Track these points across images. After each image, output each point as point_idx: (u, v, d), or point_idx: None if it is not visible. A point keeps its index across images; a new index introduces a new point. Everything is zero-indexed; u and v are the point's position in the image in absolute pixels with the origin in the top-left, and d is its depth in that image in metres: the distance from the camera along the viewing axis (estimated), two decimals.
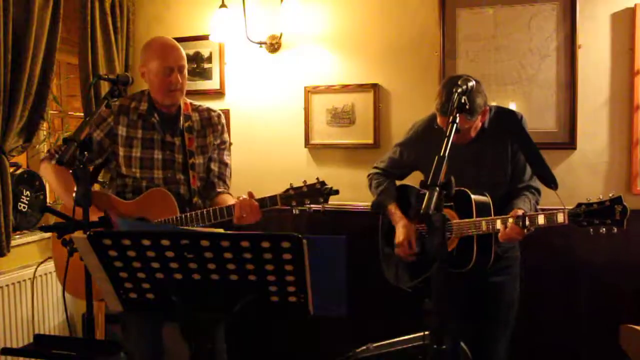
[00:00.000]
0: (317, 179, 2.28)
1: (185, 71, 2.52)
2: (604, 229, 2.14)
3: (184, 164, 2.55)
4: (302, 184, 2.30)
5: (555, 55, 3.18)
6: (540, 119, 3.19)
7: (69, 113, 3.95)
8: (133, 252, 1.62)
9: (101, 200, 2.54)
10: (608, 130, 3.14)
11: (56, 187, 2.57)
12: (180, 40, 3.88)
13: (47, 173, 2.59)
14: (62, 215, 2.43)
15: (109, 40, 3.69)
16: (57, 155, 2.44)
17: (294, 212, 2.30)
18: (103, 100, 2.37)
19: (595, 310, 3.11)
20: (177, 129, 2.57)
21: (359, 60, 3.58)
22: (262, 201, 2.38)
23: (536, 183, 2.51)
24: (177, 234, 1.58)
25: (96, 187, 3.28)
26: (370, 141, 3.54)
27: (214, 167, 2.65)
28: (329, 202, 2.32)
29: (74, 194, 2.16)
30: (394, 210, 2.68)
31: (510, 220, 2.27)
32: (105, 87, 3.60)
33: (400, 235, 2.60)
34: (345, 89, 3.59)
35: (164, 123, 2.56)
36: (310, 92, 3.66)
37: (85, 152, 2.06)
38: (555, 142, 3.18)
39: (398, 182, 2.82)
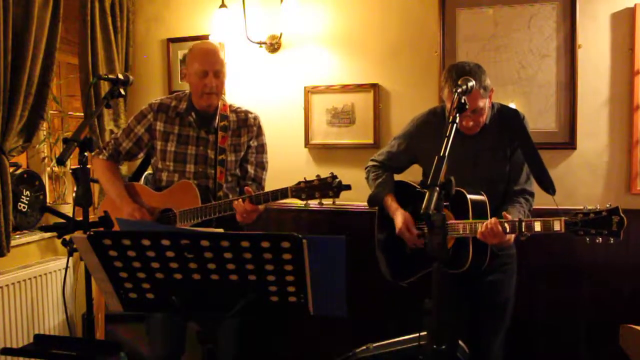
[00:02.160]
0: (331, 173, 2.30)
1: (223, 76, 2.61)
2: (600, 239, 2.14)
3: (216, 159, 2.64)
4: (314, 178, 2.33)
5: (555, 55, 3.18)
6: (540, 119, 3.19)
7: (69, 113, 3.96)
8: (133, 252, 1.62)
9: (134, 190, 2.73)
10: (608, 130, 3.14)
11: (103, 182, 2.77)
12: (180, 40, 3.94)
13: (96, 168, 2.80)
14: (62, 215, 2.44)
15: (109, 40, 3.70)
16: (104, 150, 2.75)
17: (304, 204, 2.32)
18: (103, 101, 2.39)
19: (595, 310, 3.11)
20: (212, 127, 2.67)
21: (358, 60, 3.58)
22: (259, 197, 2.43)
23: (531, 187, 2.52)
24: (177, 234, 1.58)
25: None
26: (371, 141, 3.55)
27: (250, 169, 2.73)
28: (328, 201, 2.32)
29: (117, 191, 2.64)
30: (390, 201, 2.68)
31: (493, 220, 2.28)
32: (105, 87, 3.61)
33: (398, 222, 2.59)
34: (345, 88, 3.60)
35: (201, 121, 2.67)
36: (310, 92, 3.67)
37: (86, 153, 2.08)
38: (555, 142, 3.18)
39: (396, 177, 2.81)
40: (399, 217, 2.60)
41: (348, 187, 2.31)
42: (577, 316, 3.15)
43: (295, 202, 2.50)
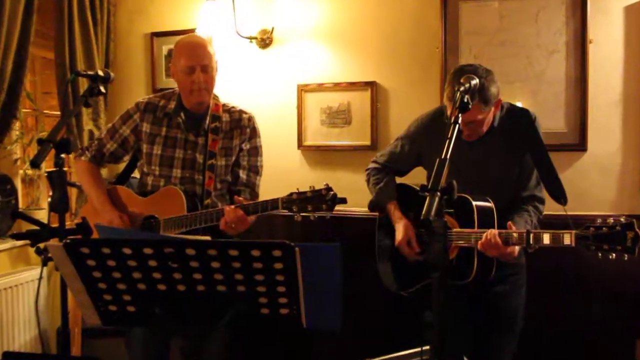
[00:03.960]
0: (326, 184, 2.30)
1: (213, 71, 2.59)
2: (614, 255, 2.13)
3: (205, 164, 2.63)
4: (308, 189, 2.33)
5: (565, 50, 3.20)
6: (548, 119, 3.20)
7: (44, 112, 3.95)
8: (113, 261, 1.62)
9: (117, 195, 2.74)
10: (621, 130, 3.16)
11: (84, 185, 2.77)
12: (164, 34, 3.94)
13: (78, 170, 2.81)
14: (35, 222, 2.43)
15: (88, 33, 3.69)
16: (87, 151, 2.75)
17: (295, 218, 2.31)
18: (81, 99, 2.39)
19: (609, 323, 3.12)
20: (202, 129, 2.66)
21: (355, 57, 3.60)
22: (247, 208, 2.41)
23: (541, 192, 2.51)
24: (160, 241, 1.58)
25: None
26: (368, 142, 3.55)
27: (242, 174, 2.71)
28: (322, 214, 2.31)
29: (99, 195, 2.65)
30: (393, 209, 2.69)
31: (493, 231, 2.28)
32: (83, 84, 3.60)
33: (399, 235, 2.60)
34: (340, 87, 3.61)
35: (190, 122, 2.66)
36: (303, 90, 3.68)
37: (63, 155, 2.07)
38: (565, 144, 3.20)
39: (398, 180, 2.82)
40: (401, 229, 2.61)
41: (343, 201, 2.32)
42: (589, 329, 3.16)
43: None
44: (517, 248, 2.35)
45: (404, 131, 2.78)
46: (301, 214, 2.31)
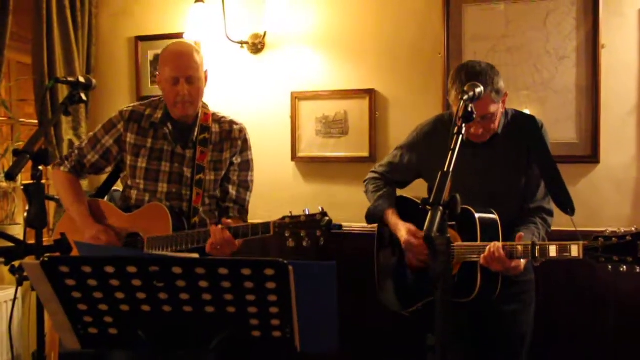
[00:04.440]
0: (321, 209, 2.31)
1: (199, 82, 2.59)
2: (625, 267, 2.15)
3: (192, 179, 2.64)
4: (302, 213, 2.34)
5: (575, 56, 3.22)
6: (558, 129, 3.22)
7: (20, 120, 3.96)
8: (94, 280, 1.62)
9: (98, 209, 2.73)
10: (636, 140, 3.18)
11: (63, 197, 2.76)
12: (150, 38, 3.97)
13: (56, 181, 2.79)
14: (10, 238, 2.43)
15: (68, 37, 3.71)
16: (66, 161, 2.74)
17: (287, 244, 2.33)
18: (61, 107, 2.40)
19: (624, 343, 3.12)
20: (190, 141, 2.66)
21: (352, 63, 3.62)
22: (237, 231, 2.42)
23: (550, 204, 2.53)
24: (145, 259, 1.58)
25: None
26: (366, 154, 3.57)
27: (232, 190, 2.72)
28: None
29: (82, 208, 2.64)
30: (391, 215, 2.67)
31: (497, 244, 2.29)
32: (63, 91, 3.61)
33: (403, 235, 2.57)
34: (337, 95, 3.63)
35: (177, 133, 2.66)
36: (297, 98, 3.69)
37: (41, 166, 2.08)
38: (576, 155, 3.22)
39: (398, 192, 2.83)
40: (403, 229, 2.59)
41: (338, 227, 2.34)
42: (604, 349, 3.15)
43: None
44: (522, 262, 2.36)
45: (404, 140, 2.80)
46: (292, 239, 2.32)
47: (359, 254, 2.99)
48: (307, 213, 2.34)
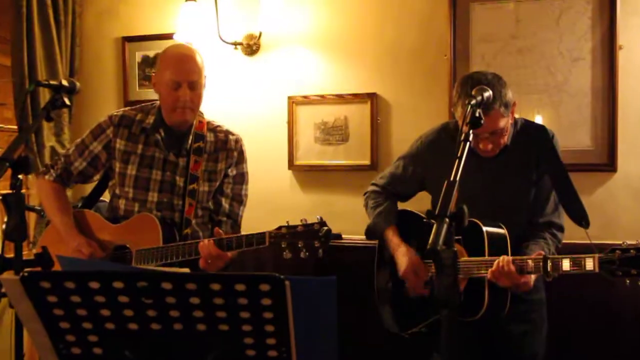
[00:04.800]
0: (319, 218, 2.32)
1: (200, 88, 2.62)
2: None
3: (185, 188, 2.65)
4: (299, 223, 2.34)
5: (591, 58, 3.24)
6: (572, 135, 3.24)
7: None
8: (78, 297, 1.62)
9: (84, 220, 2.74)
10: None
11: (47, 207, 2.77)
12: (138, 39, 3.98)
13: (41, 190, 2.81)
14: None
15: (50, 37, 3.71)
16: (52, 170, 2.75)
17: (284, 255, 2.33)
18: (43, 112, 2.40)
19: None
20: (184, 149, 2.67)
21: (353, 65, 3.64)
22: (230, 243, 2.42)
23: (560, 219, 2.54)
24: (133, 274, 1.58)
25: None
26: (367, 162, 3.58)
27: (225, 203, 2.73)
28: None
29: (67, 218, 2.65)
30: (391, 235, 2.69)
31: (506, 258, 2.30)
32: (45, 95, 3.61)
33: (402, 264, 2.59)
34: (336, 99, 3.64)
35: (170, 140, 2.67)
36: (295, 102, 3.71)
37: (21, 175, 2.08)
38: (591, 163, 3.23)
39: (400, 205, 2.84)
40: (403, 256, 2.61)
41: (338, 237, 2.34)
42: None
43: None
44: (532, 277, 2.36)
45: (406, 150, 2.81)
46: (289, 250, 2.32)
47: (359, 267, 2.99)
48: (305, 223, 2.34)
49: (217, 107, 3.78)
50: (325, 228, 2.30)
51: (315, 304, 1.58)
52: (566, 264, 2.24)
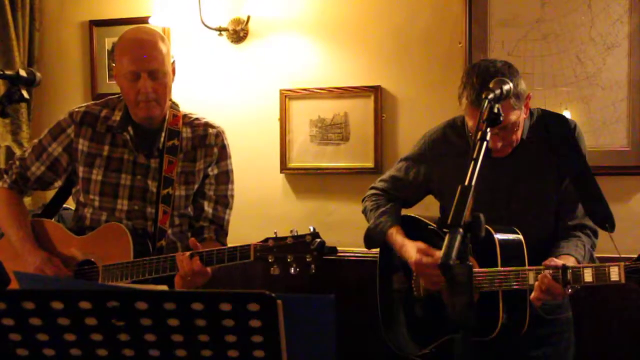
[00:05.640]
0: (311, 229, 2.32)
1: (166, 77, 2.59)
2: None
3: (158, 194, 2.65)
4: (288, 234, 2.35)
5: (627, 45, 3.24)
6: (605, 134, 3.25)
7: None
8: (38, 319, 1.63)
9: (44, 232, 2.72)
10: None
11: (1, 218, 2.75)
12: (107, 23, 3.98)
13: None
14: None
15: (5, 20, 3.72)
16: (5, 175, 2.74)
17: (271, 271, 2.34)
18: None
19: None
20: (156, 148, 2.67)
21: (354, 54, 3.65)
22: (210, 256, 2.42)
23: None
24: (102, 292, 1.59)
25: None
26: (370, 164, 3.60)
27: (208, 207, 2.73)
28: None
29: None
30: (395, 234, 2.67)
31: (546, 272, 2.29)
32: (0, 88, 3.62)
33: (411, 255, 2.56)
34: (335, 93, 3.65)
35: (140, 140, 2.67)
36: (288, 97, 3.72)
37: None
38: (626, 166, 3.24)
39: (403, 212, 2.84)
40: (411, 248, 2.58)
41: (333, 251, 2.34)
42: None
43: None
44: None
45: (409, 151, 2.83)
46: (277, 267, 2.33)
47: (360, 284, 3.01)
48: (295, 234, 2.35)
49: (198, 101, 3.77)
50: (318, 240, 2.30)
51: (311, 326, 1.59)
52: (588, 274, 2.24)
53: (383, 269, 2.84)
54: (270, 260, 2.34)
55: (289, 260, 2.33)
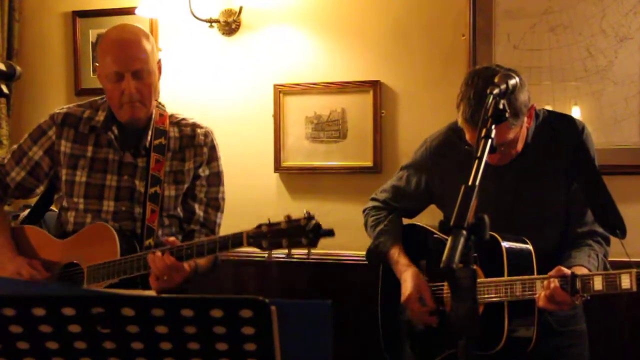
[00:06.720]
0: (307, 212, 2.32)
1: (151, 76, 2.60)
2: None
3: (146, 193, 2.66)
4: (282, 219, 2.35)
5: None
6: (617, 131, 3.25)
7: None
8: (18, 327, 1.63)
9: (25, 238, 2.72)
10: None
11: None
12: (92, 14, 3.98)
13: None
14: None
15: None
16: None
17: (266, 259, 2.34)
18: None
19: None
20: (142, 147, 2.68)
21: (352, 48, 3.65)
22: (201, 248, 2.41)
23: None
24: (86, 298, 1.59)
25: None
26: (369, 163, 3.61)
27: (199, 210, 2.75)
28: (302, 251, 2.34)
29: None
30: (397, 256, 2.70)
31: (555, 280, 2.29)
32: None
33: (407, 288, 2.60)
34: (332, 88, 3.66)
35: (125, 139, 2.68)
36: (282, 92, 3.73)
37: None
38: (639, 165, 3.24)
39: (406, 221, 2.86)
40: (410, 279, 2.62)
41: (330, 233, 2.33)
42: None
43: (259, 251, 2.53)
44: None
45: (410, 158, 2.83)
46: (273, 250, 2.32)
47: (359, 288, 3.01)
48: (289, 219, 2.34)
49: (187, 97, 3.79)
50: (314, 222, 2.29)
51: (307, 333, 1.59)
52: (598, 282, 2.24)
53: (385, 280, 2.85)
54: (264, 246, 2.33)
55: (284, 244, 2.31)
